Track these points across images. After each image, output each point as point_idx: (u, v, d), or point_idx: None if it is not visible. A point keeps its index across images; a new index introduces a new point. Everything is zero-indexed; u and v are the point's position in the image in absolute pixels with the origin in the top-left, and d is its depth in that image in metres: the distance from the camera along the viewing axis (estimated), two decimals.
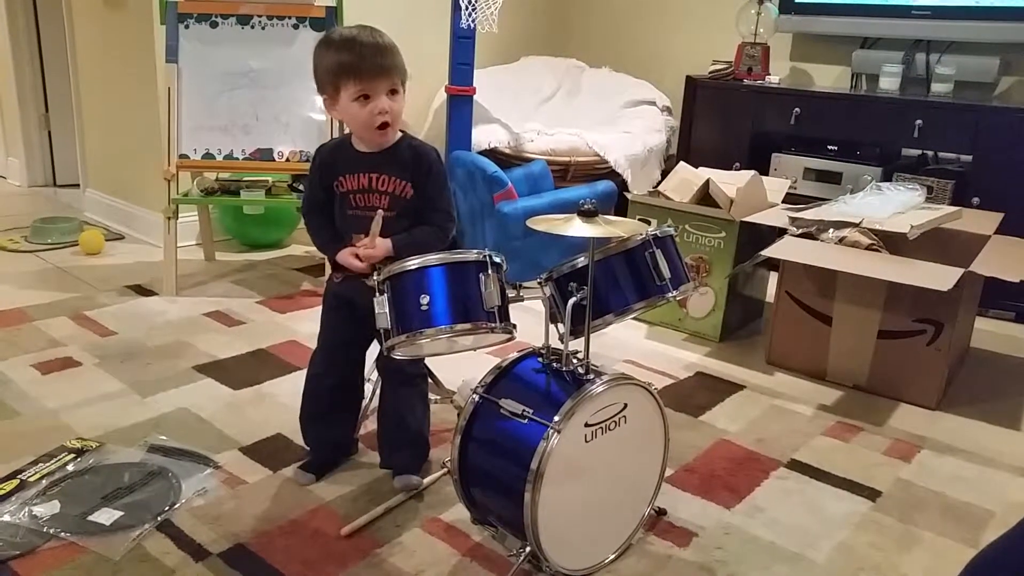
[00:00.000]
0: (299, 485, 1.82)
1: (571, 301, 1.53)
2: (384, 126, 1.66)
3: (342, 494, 1.79)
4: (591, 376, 1.50)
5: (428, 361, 2.00)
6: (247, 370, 2.37)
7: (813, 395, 2.44)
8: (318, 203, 1.77)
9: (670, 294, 1.60)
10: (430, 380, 2.02)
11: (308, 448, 1.91)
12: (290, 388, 2.26)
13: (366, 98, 1.62)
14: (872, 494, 1.92)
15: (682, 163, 3.03)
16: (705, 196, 2.78)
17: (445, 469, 1.86)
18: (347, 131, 1.78)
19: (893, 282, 2.28)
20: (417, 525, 1.70)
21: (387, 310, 1.48)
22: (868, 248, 2.41)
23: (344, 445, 1.93)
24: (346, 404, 1.90)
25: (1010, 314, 3.15)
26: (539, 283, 1.62)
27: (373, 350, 1.75)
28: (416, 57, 4.00)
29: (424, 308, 1.46)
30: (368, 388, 1.97)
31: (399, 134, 1.71)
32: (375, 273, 1.54)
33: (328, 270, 1.84)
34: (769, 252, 2.39)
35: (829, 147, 3.48)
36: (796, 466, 2.02)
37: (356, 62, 1.60)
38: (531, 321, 1.73)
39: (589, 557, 1.59)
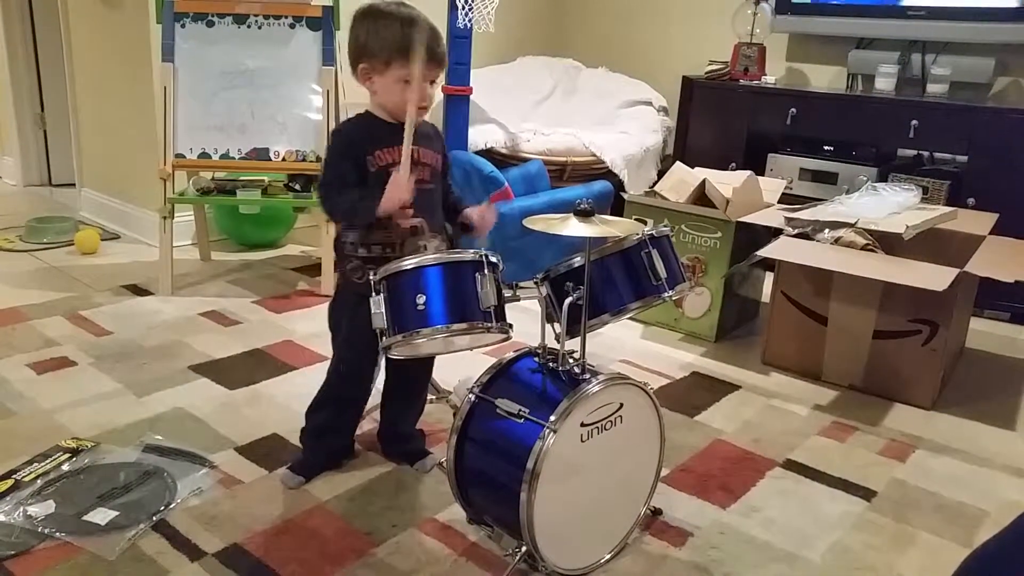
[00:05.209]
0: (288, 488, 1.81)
1: (567, 301, 1.53)
2: (424, 110, 1.66)
3: (338, 494, 1.79)
4: (587, 376, 1.50)
5: None
6: (243, 370, 2.37)
7: (809, 395, 2.44)
8: (347, 184, 1.64)
9: (666, 294, 1.61)
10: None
11: (305, 450, 1.88)
12: (286, 388, 2.26)
13: (407, 82, 1.60)
14: (867, 494, 1.92)
15: (678, 163, 3.03)
16: (701, 196, 2.78)
17: (441, 468, 1.86)
18: (349, 114, 1.75)
19: (888, 282, 2.28)
20: (413, 525, 1.70)
21: (383, 310, 1.48)
22: (864, 248, 2.41)
23: (347, 449, 1.93)
24: (359, 413, 1.90)
25: (1005, 314, 3.15)
26: (535, 283, 1.62)
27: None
28: None
29: (420, 308, 1.46)
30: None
31: None
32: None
33: (331, 279, 1.82)
34: (765, 252, 2.39)
35: (825, 147, 3.48)
36: (792, 466, 2.03)
37: (424, 45, 1.57)
38: (527, 321, 1.73)
39: (585, 557, 1.59)
